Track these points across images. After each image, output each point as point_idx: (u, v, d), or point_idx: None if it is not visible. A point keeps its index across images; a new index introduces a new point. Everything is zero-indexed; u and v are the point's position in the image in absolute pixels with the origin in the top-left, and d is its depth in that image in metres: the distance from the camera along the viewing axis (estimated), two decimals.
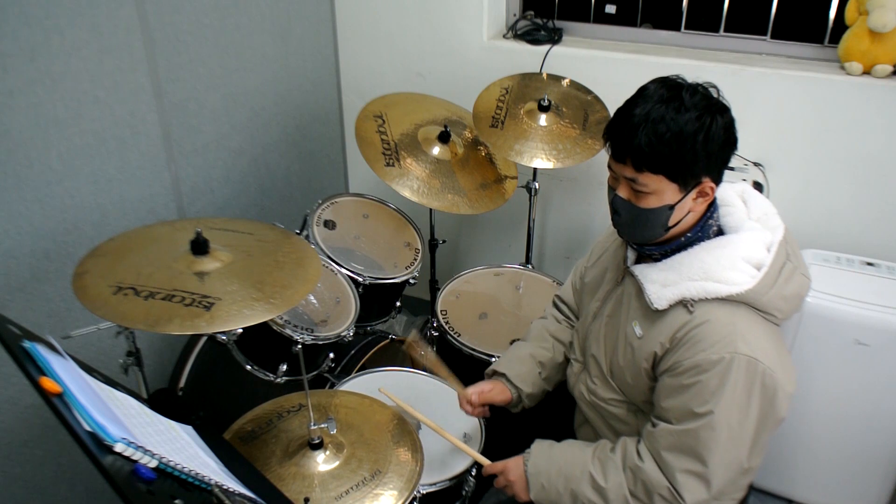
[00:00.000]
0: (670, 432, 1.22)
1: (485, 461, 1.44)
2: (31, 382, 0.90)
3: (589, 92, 2.14)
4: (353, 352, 1.89)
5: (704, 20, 2.27)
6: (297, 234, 1.94)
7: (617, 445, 1.32)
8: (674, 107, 1.15)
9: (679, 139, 1.14)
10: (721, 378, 1.17)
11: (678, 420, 1.22)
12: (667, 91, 1.18)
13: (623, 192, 1.23)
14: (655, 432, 1.25)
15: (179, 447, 1.05)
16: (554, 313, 1.69)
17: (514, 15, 2.48)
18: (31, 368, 0.92)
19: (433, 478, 1.45)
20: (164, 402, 1.24)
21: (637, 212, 1.22)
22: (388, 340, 2.00)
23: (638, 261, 1.36)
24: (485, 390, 1.53)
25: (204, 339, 1.85)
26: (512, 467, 1.39)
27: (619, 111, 1.22)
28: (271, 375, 1.68)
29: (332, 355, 1.80)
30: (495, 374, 1.58)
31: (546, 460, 1.35)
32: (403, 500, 1.24)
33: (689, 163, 1.16)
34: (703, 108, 1.16)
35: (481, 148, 2.18)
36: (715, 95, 1.21)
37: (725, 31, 2.24)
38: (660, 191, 1.19)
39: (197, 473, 0.95)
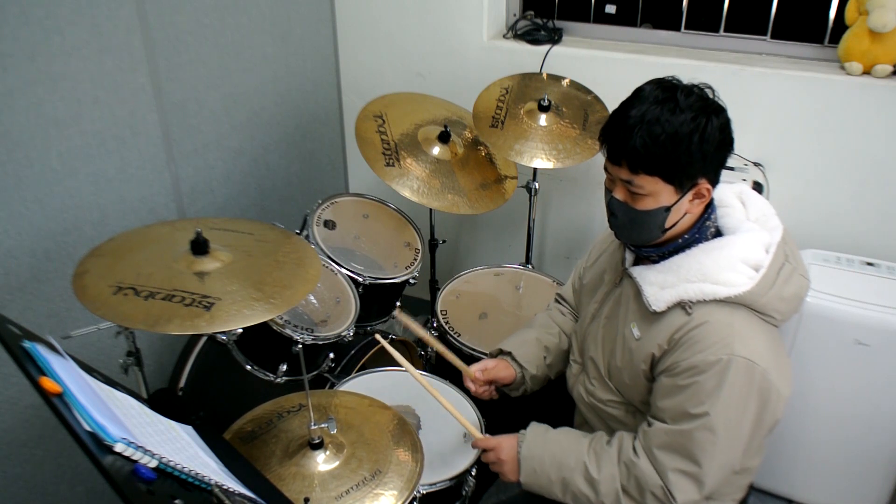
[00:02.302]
0: (665, 431, 1.22)
1: (477, 433, 1.44)
2: (31, 382, 0.90)
3: (589, 92, 2.14)
4: (353, 352, 1.89)
5: (704, 20, 2.27)
6: (297, 234, 1.94)
7: (613, 439, 1.32)
8: (669, 108, 1.15)
9: (674, 140, 1.14)
10: (718, 380, 1.17)
11: (674, 420, 1.22)
12: (662, 92, 1.18)
13: (619, 194, 1.23)
14: (650, 431, 1.25)
15: (179, 447, 1.05)
16: (558, 307, 1.70)
17: (514, 15, 2.48)
18: (31, 368, 0.92)
19: (433, 478, 1.45)
20: (164, 402, 1.24)
21: (634, 214, 1.22)
22: (388, 340, 2.00)
23: (636, 262, 1.36)
24: (489, 366, 1.53)
25: (204, 339, 1.85)
26: (504, 446, 1.39)
27: (615, 113, 1.22)
28: (271, 375, 1.68)
29: (332, 355, 1.80)
30: (501, 353, 1.58)
31: (540, 446, 1.35)
32: (403, 500, 1.24)
33: (684, 164, 1.16)
34: (699, 108, 1.16)
35: (481, 148, 2.18)
36: (710, 96, 1.21)
37: (725, 31, 2.24)
38: (656, 192, 1.19)
39: (197, 473, 0.95)
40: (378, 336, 1.52)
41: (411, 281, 2.05)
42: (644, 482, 1.24)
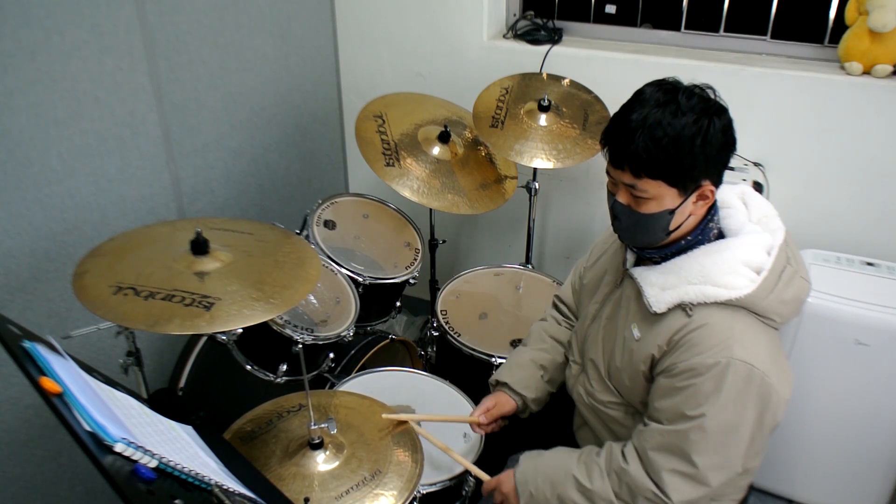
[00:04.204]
0: (660, 432, 1.22)
1: (485, 477, 1.44)
2: (31, 382, 0.90)
3: (589, 92, 2.14)
4: (353, 352, 1.89)
5: (704, 20, 2.27)
6: (297, 234, 1.94)
7: (602, 450, 1.32)
8: (670, 111, 1.14)
9: (677, 144, 1.14)
10: (716, 383, 1.16)
11: (669, 421, 1.22)
12: (663, 95, 1.17)
13: (623, 198, 1.22)
14: (645, 431, 1.25)
15: (179, 447, 1.05)
16: (553, 314, 1.69)
17: (514, 15, 2.48)
18: (31, 368, 0.92)
19: (433, 478, 1.45)
20: (164, 402, 1.24)
21: (637, 217, 1.22)
22: (388, 340, 2.00)
23: (637, 263, 1.36)
24: (489, 407, 1.52)
25: (204, 339, 1.85)
26: (504, 480, 1.39)
27: (616, 116, 1.21)
28: (271, 375, 1.68)
29: (332, 355, 1.80)
30: (498, 383, 1.58)
31: (533, 468, 1.35)
32: (403, 500, 1.24)
33: (687, 167, 1.16)
34: (701, 110, 1.15)
35: (481, 148, 2.18)
36: (712, 97, 1.20)
37: (725, 31, 2.24)
38: (659, 196, 1.18)
39: (197, 473, 0.95)
40: (384, 416, 1.46)
41: (411, 281, 2.05)
42: (635, 487, 1.24)
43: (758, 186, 2.12)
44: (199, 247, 1.27)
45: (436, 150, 2.08)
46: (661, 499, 1.22)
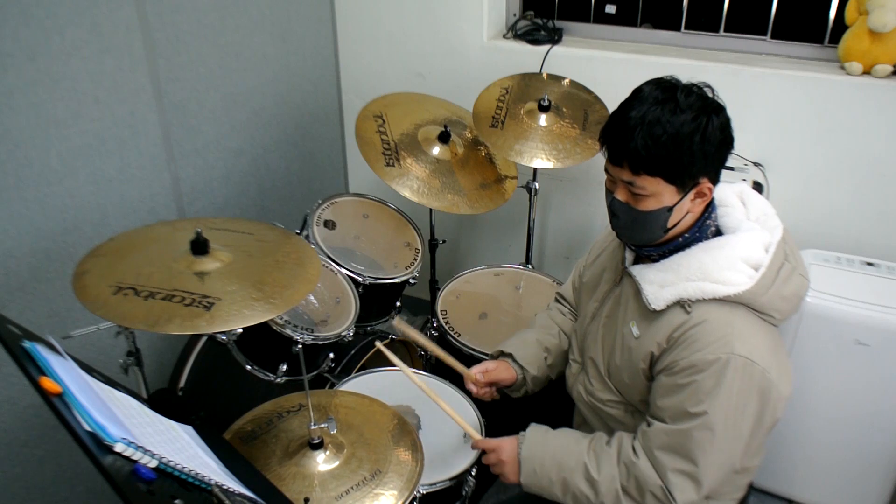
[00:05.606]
0: (665, 432, 1.22)
1: (476, 434, 1.43)
2: (31, 382, 0.90)
3: (589, 92, 2.14)
4: (353, 352, 1.89)
5: (704, 20, 2.27)
6: (297, 234, 1.94)
7: (613, 439, 1.32)
8: (669, 108, 1.15)
9: (675, 141, 1.14)
10: (717, 378, 1.17)
11: (673, 419, 1.22)
12: (662, 93, 1.17)
13: (621, 195, 1.23)
14: (650, 431, 1.25)
15: (179, 447, 1.05)
16: (558, 307, 1.70)
17: (514, 15, 2.48)
18: (31, 368, 0.92)
19: (433, 478, 1.45)
20: (164, 402, 1.24)
21: (635, 214, 1.22)
22: (388, 340, 2.00)
23: (636, 261, 1.36)
24: (489, 368, 1.53)
25: (204, 339, 1.85)
26: (505, 447, 1.38)
27: (615, 114, 1.22)
28: (271, 375, 1.68)
29: (332, 355, 1.80)
30: (502, 354, 1.58)
31: (541, 446, 1.35)
32: (403, 500, 1.24)
33: (686, 164, 1.16)
34: (699, 108, 1.16)
35: (481, 148, 2.18)
36: (710, 95, 1.21)
37: (725, 31, 2.24)
38: (658, 193, 1.19)
39: (197, 473, 0.95)
40: (377, 343, 1.52)
41: (411, 281, 2.05)
42: (644, 482, 1.24)
43: (758, 186, 2.12)
44: (199, 247, 1.27)
45: (436, 150, 2.08)
46: (667, 496, 1.22)
